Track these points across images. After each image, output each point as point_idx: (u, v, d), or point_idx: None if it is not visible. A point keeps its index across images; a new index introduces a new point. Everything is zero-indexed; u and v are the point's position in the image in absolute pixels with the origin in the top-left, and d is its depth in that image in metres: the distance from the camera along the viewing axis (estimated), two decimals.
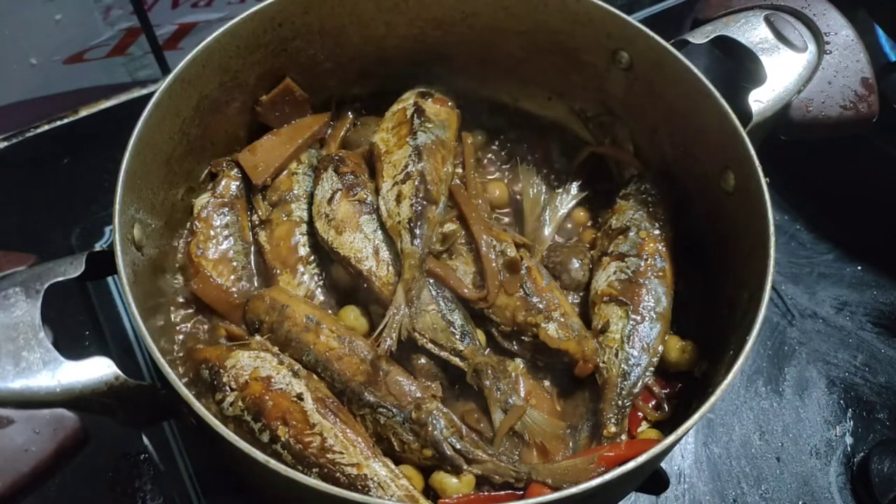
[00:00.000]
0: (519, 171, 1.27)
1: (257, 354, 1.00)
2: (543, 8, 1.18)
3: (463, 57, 1.28)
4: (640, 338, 1.08)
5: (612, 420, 1.04)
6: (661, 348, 1.08)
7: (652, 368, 1.07)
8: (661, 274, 1.12)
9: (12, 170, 1.45)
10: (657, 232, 1.16)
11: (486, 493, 0.96)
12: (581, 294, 1.19)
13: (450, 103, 1.25)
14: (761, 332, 0.91)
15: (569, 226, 1.26)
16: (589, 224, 1.26)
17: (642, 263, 1.13)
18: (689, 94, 1.09)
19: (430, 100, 1.23)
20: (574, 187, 1.27)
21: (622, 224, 1.18)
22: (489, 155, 1.33)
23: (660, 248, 1.14)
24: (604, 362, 1.08)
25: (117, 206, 0.94)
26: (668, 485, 1.16)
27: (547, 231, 1.23)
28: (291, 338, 1.04)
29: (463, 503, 0.94)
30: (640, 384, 1.06)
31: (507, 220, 1.27)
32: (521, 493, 0.96)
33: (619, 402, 1.05)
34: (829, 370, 1.35)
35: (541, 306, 1.07)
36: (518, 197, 1.26)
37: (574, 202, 1.26)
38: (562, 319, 1.07)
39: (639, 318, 1.09)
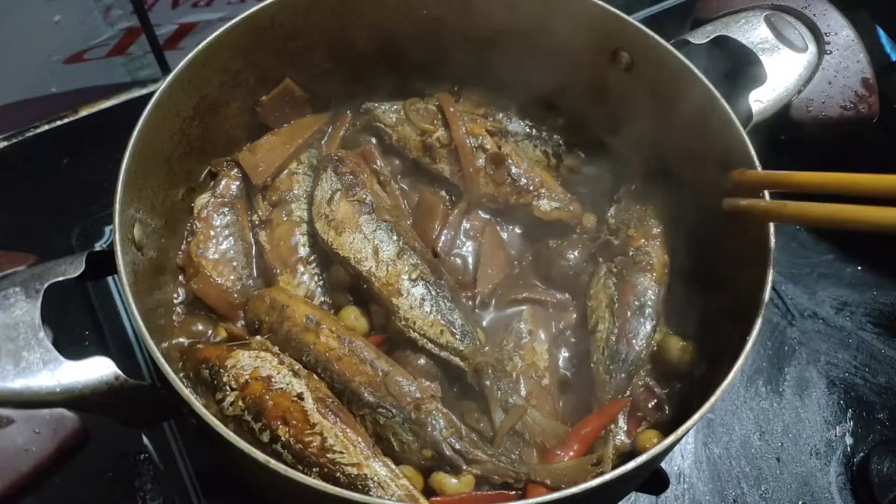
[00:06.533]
0: None
1: (257, 354, 1.00)
2: (544, 8, 1.18)
3: (463, 57, 1.28)
4: (626, 336, 1.08)
5: None
6: (651, 345, 1.09)
7: (641, 364, 1.08)
8: (648, 268, 1.12)
9: (12, 170, 1.45)
10: (644, 228, 1.17)
11: (481, 493, 0.96)
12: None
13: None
14: (761, 332, 0.91)
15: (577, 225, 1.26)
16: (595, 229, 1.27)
17: (629, 261, 1.14)
18: (689, 94, 1.09)
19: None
20: None
21: (615, 225, 1.20)
22: None
23: (647, 243, 1.15)
24: (593, 362, 1.09)
25: (117, 206, 0.94)
26: (668, 485, 1.16)
27: None
28: (291, 338, 1.04)
29: (455, 502, 0.94)
30: (630, 382, 1.06)
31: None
32: (521, 492, 0.96)
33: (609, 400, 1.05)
34: (829, 370, 1.35)
35: (530, 187, 1.20)
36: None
37: None
38: (549, 193, 1.20)
39: (626, 315, 1.09)
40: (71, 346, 0.91)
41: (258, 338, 1.04)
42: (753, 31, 1.17)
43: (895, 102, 1.33)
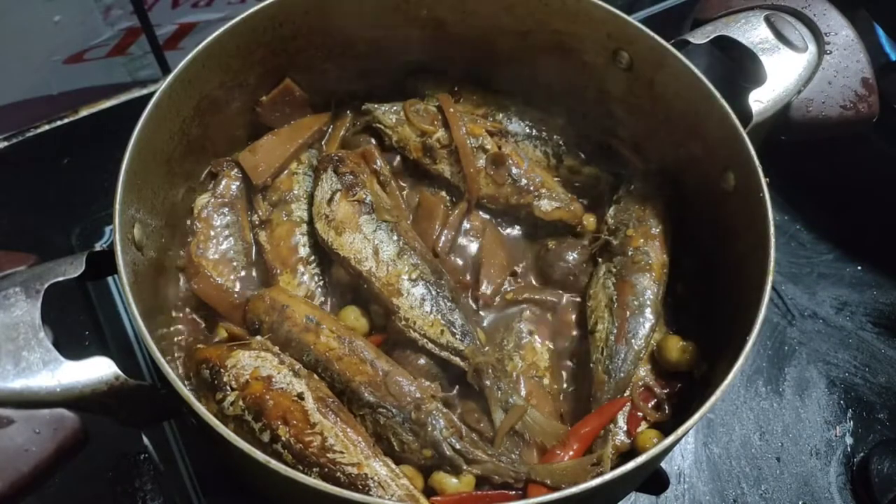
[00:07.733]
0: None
1: (258, 354, 1.00)
2: (544, 8, 1.18)
3: (463, 57, 1.28)
4: (625, 335, 1.08)
5: None
6: (650, 344, 1.09)
7: (641, 364, 1.08)
8: (647, 268, 1.13)
9: (12, 170, 1.45)
10: (643, 228, 1.17)
11: (481, 493, 0.96)
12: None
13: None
14: (761, 332, 0.91)
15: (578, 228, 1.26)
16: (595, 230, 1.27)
17: (628, 261, 1.14)
18: (689, 94, 1.09)
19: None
20: None
21: (615, 225, 1.20)
22: None
23: (646, 243, 1.15)
24: (593, 362, 1.09)
25: (117, 206, 0.94)
26: (668, 485, 1.16)
27: None
28: (291, 338, 1.04)
29: (454, 502, 0.94)
30: (629, 382, 1.06)
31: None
32: (521, 492, 0.96)
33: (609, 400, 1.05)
34: (829, 370, 1.35)
35: (530, 188, 1.21)
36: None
37: None
38: (549, 193, 1.21)
39: (624, 315, 1.10)
40: (71, 346, 0.91)
41: (258, 338, 1.04)
42: (753, 31, 1.17)
43: (895, 102, 1.33)
